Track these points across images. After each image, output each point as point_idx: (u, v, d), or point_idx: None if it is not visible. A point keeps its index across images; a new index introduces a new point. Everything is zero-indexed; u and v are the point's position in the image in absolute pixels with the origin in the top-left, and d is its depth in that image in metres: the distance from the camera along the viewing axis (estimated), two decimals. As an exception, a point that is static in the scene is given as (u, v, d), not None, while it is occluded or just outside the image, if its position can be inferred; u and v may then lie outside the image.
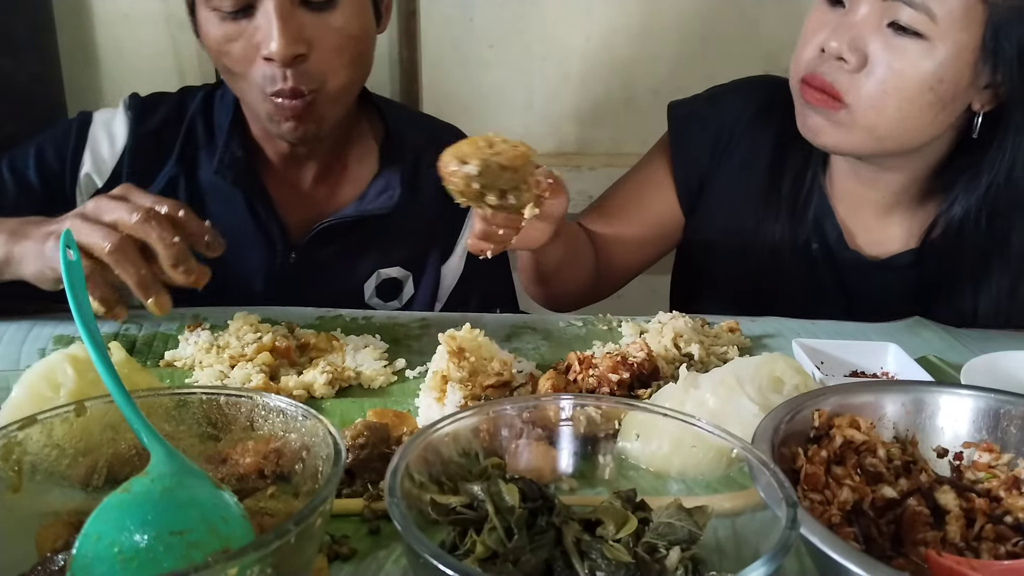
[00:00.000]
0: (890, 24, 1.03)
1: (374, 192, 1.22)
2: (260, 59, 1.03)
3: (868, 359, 1.00)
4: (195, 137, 1.21)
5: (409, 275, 1.27)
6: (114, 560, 0.49)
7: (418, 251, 1.27)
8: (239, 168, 1.16)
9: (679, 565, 0.53)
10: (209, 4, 1.02)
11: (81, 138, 1.19)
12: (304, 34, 1.02)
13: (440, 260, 1.29)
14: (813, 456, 0.66)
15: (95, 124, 1.20)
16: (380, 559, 0.63)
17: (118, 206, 0.86)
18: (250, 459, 0.62)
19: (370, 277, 1.25)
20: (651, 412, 0.65)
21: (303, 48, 1.02)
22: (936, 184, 1.18)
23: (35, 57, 1.57)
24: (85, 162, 1.18)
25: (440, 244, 1.29)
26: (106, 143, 1.19)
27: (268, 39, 1.00)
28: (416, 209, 1.24)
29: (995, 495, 0.65)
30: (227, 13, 1.01)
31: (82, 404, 0.60)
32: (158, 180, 1.19)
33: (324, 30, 1.03)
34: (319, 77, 1.05)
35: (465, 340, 0.85)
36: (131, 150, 1.19)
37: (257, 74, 1.04)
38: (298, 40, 1.01)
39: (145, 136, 1.19)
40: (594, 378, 0.88)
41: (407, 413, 0.82)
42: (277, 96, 1.04)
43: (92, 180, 1.18)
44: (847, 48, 1.05)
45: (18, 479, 0.56)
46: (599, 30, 1.85)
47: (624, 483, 0.65)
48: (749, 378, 0.76)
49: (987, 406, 0.70)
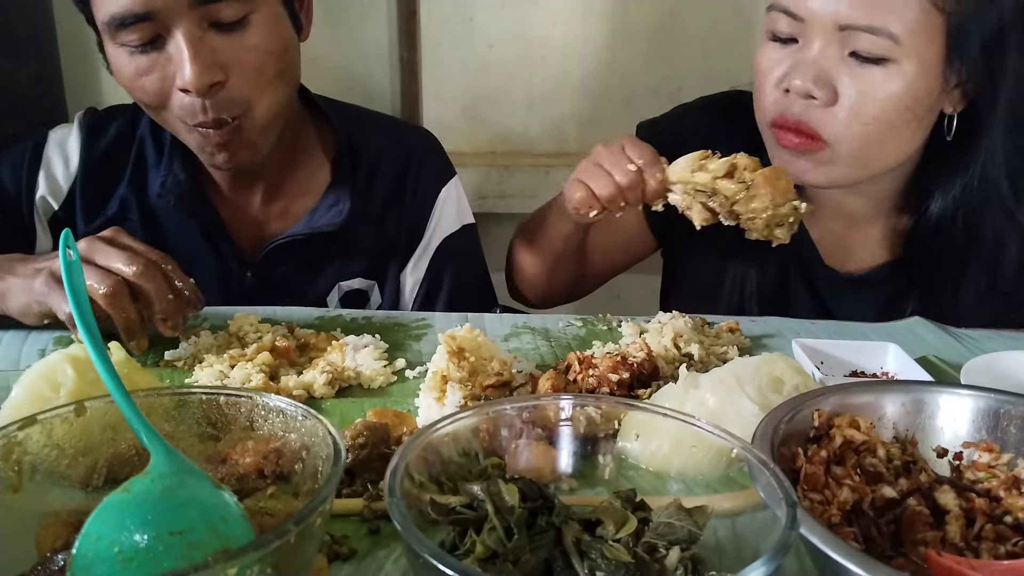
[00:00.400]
0: (851, 53, 1.01)
1: (324, 207, 1.18)
2: (176, 90, 0.99)
3: (868, 359, 1.00)
4: (144, 156, 1.18)
5: (374, 284, 1.25)
6: (114, 560, 0.49)
7: (378, 260, 1.25)
8: (182, 191, 1.14)
9: (679, 565, 0.53)
10: (116, 40, 0.98)
11: (35, 160, 1.17)
12: (218, 59, 0.98)
13: (401, 267, 1.26)
14: (813, 456, 0.66)
15: (49, 145, 1.18)
16: (380, 559, 0.63)
17: (113, 253, 0.87)
18: (250, 459, 0.62)
19: (331, 290, 1.23)
20: (651, 412, 0.65)
21: (219, 75, 0.98)
22: (912, 189, 1.17)
23: (35, 57, 1.57)
24: (40, 185, 1.16)
25: (400, 250, 1.26)
26: (60, 164, 1.17)
27: (181, 69, 0.96)
28: (371, 217, 1.21)
29: (995, 495, 0.65)
30: (136, 47, 0.97)
31: (82, 404, 0.60)
32: (112, 202, 1.17)
33: (239, 51, 0.99)
34: (242, 102, 1.01)
35: (465, 340, 0.85)
36: (83, 171, 1.17)
37: (176, 105, 1.00)
38: (212, 67, 0.97)
39: (97, 156, 1.17)
40: (594, 378, 0.88)
41: (407, 413, 0.82)
42: (201, 127, 1.01)
43: (48, 203, 1.17)
44: (814, 84, 1.02)
45: (18, 479, 0.56)
46: (599, 30, 1.86)
47: (624, 483, 0.65)
48: (749, 378, 0.76)
49: (987, 406, 0.70)
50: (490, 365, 0.83)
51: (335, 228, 1.17)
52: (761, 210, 0.94)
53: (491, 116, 1.90)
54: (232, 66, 0.99)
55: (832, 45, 1.01)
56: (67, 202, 1.17)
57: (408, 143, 1.27)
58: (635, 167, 0.99)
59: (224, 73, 0.99)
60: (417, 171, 1.25)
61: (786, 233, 0.96)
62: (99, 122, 1.19)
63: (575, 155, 1.92)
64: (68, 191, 1.17)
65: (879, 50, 1.00)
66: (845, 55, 1.01)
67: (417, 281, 1.27)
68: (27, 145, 1.19)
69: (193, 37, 0.96)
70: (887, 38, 0.99)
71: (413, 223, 1.25)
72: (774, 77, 1.07)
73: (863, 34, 0.99)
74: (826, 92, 1.02)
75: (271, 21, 1.02)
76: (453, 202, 1.28)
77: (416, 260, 1.26)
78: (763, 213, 0.94)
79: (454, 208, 1.28)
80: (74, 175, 1.17)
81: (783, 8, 1.04)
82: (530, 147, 1.94)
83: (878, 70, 1.01)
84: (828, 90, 1.03)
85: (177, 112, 1.01)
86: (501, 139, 1.93)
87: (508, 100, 1.90)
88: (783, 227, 0.95)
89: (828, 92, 1.03)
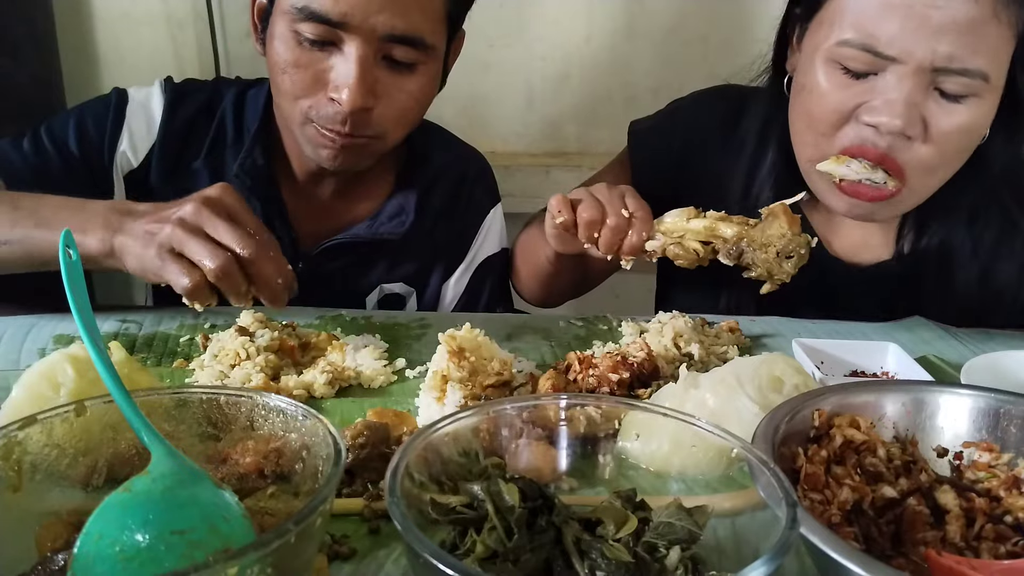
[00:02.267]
0: (936, 88, 0.98)
1: (387, 214, 1.22)
2: (325, 96, 1.02)
3: (868, 359, 1.00)
4: (224, 134, 1.21)
5: (413, 291, 1.28)
6: (115, 559, 0.49)
7: (422, 268, 1.28)
8: (258, 176, 1.17)
9: (679, 564, 0.53)
10: (291, 24, 1.00)
11: (119, 115, 1.19)
12: (376, 89, 1.02)
13: (443, 277, 1.30)
14: (813, 456, 0.66)
15: (132, 103, 1.20)
16: (380, 559, 0.63)
17: (223, 227, 0.86)
18: (250, 459, 0.62)
19: (373, 291, 1.25)
20: (651, 412, 0.65)
21: (371, 102, 1.02)
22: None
23: (35, 57, 1.57)
24: (123, 140, 1.19)
25: (444, 262, 1.29)
26: (143, 123, 1.19)
27: (342, 86, 1.00)
28: (424, 229, 1.24)
29: (995, 495, 0.65)
30: (306, 39, 1.00)
31: (82, 404, 0.60)
32: (185, 172, 1.19)
33: (396, 90, 1.04)
34: (378, 130, 1.06)
35: (465, 340, 0.85)
36: (164, 136, 1.19)
37: (318, 106, 1.03)
38: (370, 94, 1.01)
39: (179, 125, 1.20)
40: (594, 378, 0.88)
41: (407, 413, 0.82)
42: (331, 131, 1.04)
43: (128, 159, 1.19)
44: (908, 124, 0.98)
45: (18, 479, 0.56)
46: (599, 30, 1.85)
47: (624, 483, 0.65)
48: (749, 378, 0.76)
49: (987, 406, 0.70)
50: (490, 365, 0.83)
51: (397, 238, 1.21)
52: (778, 236, 0.95)
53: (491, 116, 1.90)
54: (384, 99, 1.04)
55: (921, 81, 0.98)
56: (144, 162, 1.19)
57: (465, 163, 1.32)
58: (627, 214, 0.99)
59: (375, 102, 1.03)
60: (471, 190, 1.31)
61: (794, 267, 0.96)
62: (183, 92, 1.22)
63: (575, 155, 1.93)
64: (147, 152, 1.19)
65: (968, 90, 0.98)
66: (932, 91, 0.99)
67: (457, 294, 1.30)
68: (109, 99, 1.20)
69: (366, 62, 0.99)
70: (979, 79, 0.97)
71: (460, 239, 1.29)
72: (839, 112, 1.03)
73: (955, 75, 0.96)
74: (918, 128, 0.99)
75: (432, 74, 1.08)
76: (498, 225, 1.34)
77: (459, 275, 1.30)
78: (780, 240, 0.95)
79: (497, 230, 1.34)
80: (154, 138, 1.19)
81: (868, 47, 0.98)
82: (530, 147, 1.94)
83: (962, 107, 0.99)
84: (920, 126, 0.99)
85: (315, 112, 1.04)
86: (501, 139, 1.93)
87: (508, 100, 1.90)
88: (792, 259, 0.96)
89: (920, 128, 1.00)
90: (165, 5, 1.68)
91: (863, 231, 1.21)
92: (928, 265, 1.18)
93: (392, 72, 1.03)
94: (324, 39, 0.99)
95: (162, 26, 1.70)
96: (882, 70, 0.99)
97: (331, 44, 1.00)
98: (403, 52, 1.01)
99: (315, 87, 1.02)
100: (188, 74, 1.54)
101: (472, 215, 1.31)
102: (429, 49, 1.03)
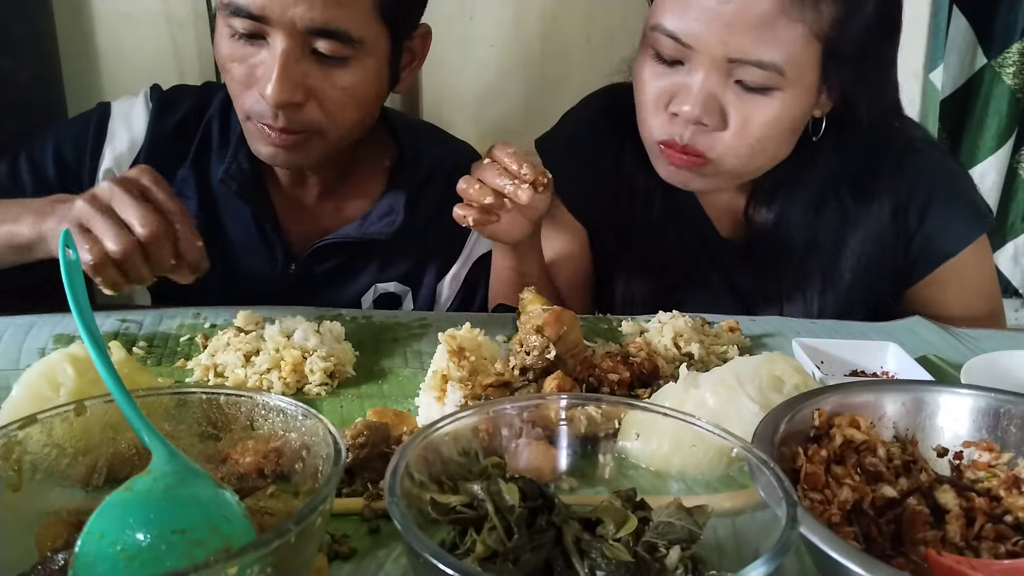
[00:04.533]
0: (737, 81, 1.03)
1: (377, 214, 1.21)
2: (257, 91, 1.01)
3: (868, 358, 1.00)
4: (210, 139, 1.20)
5: (408, 291, 1.27)
6: (117, 558, 0.49)
7: (416, 267, 1.27)
8: (244, 180, 1.16)
9: (679, 564, 0.53)
10: (225, 18, 1.00)
11: (100, 131, 1.19)
12: (306, 82, 1.00)
13: (437, 276, 1.29)
14: (813, 455, 0.66)
15: (114, 118, 1.20)
16: (380, 558, 0.63)
17: (130, 205, 0.85)
18: (250, 458, 0.62)
19: (368, 291, 1.25)
20: (651, 411, 0.65)
21: (299, 97, 1.00)
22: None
23: (35, 57, 1.57)
24: (105, 156, 1.18)
25: (438, 260, 1.28)
26: (125, 137, 1.19)
27: (265, 80, 0.98)
28: (416, 227, 1.23)
29: (995, 494, 0.65)
30: (238, 34, 0.99)
31: (82, 404, 0.60)
32: (173, 180, 1.18)
33: (328, 84, 1.01)
34: (312, 125, 1.03)
35: (465, 340, 0.85)
36: (148, 147, 1.18)
37: (251, 101, 1.02)
38: (296, 88, 0.99)
39: (163, 133, 1.19)
40: (594, 378, 0.88)
41: (407, 412, 0.82)
42: (265, 125, 1.03)
43: (113, 175, 1.17)
44: (704, 112, 1.04)
45: (18, 478, 0.56)
46: (599, 30, 1.85)
47: (624, 482, 0.65)
48: (749, 378, 0.76)
49: (987, 405, 0.70)
50: (492, 366, 0.83)
51: (386, 237, 1.20)
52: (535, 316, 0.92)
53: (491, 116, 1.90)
54: (316, 93, 1.01)
55: (719, 73, 1.03)
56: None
57: (458, 158, 1.29)
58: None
59: (305, 96, 1.01)
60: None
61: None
62: (169, 100, 1.21)
63: (575, 155, 1.92)
64: (132, 163, 1.18)
65: (765, 81, 1.02)
66: (731, 82, 1.04)
67: (454, 292, 1.29)
68: (90, 117, 1.20)
69: (289, 55, 0.97)
70: (773, 71, 1.01)
71: (454, 237, 1.28)
72: (660, 99, 1.09)
73: (750, 67, 1.01)
74: (716, 119, 1.05)
75: (370, 71, 1.04)
76: None
77: (455, 273, 1.29)
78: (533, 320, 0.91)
79: None
80: (138, 148, 1.18)
81: (669, 33, 1.04)
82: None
83: (762, 98, 1.04)
84: (717, 117, 1.05)
85: (251, 108, 1.03)
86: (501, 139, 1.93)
87: (508, 99, 1.89)
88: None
89: (718, 119, 1.05)
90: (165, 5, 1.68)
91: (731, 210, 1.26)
92: (768, 245, 1.23)
93: (322, 66, 1.00)
94: (252, 32, 0.98)
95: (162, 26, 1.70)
96: (687, 60, 1.05)
97: (260, 38, 0.99)
98: (328, 46, 0.98)
99: (249, 82, 1.01)
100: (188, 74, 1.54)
101: None
102: (357, 43, 1.00)
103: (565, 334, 0.88)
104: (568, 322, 0.90)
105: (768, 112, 1.05)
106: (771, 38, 1.00)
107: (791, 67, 1.02)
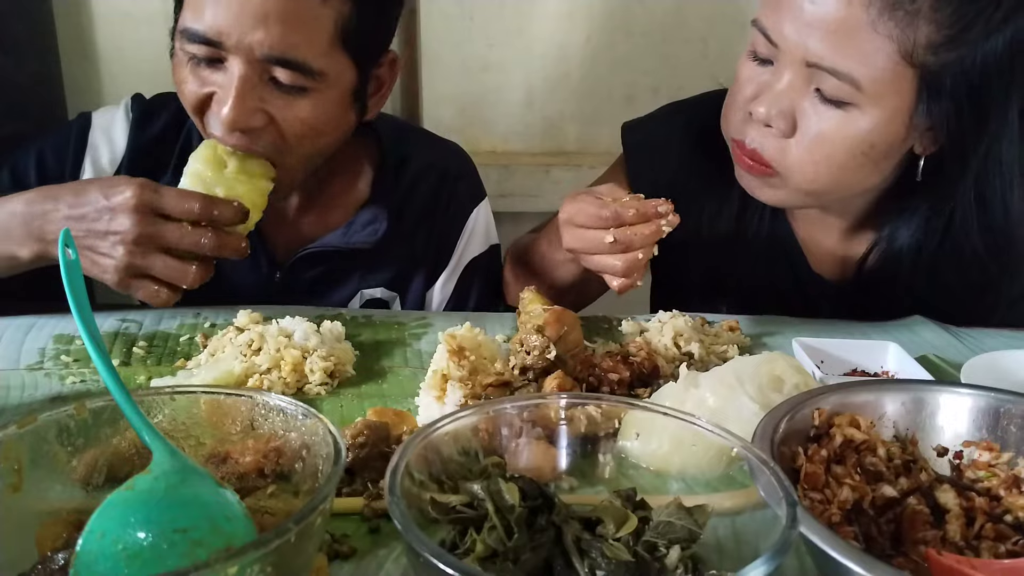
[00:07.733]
0: (817, 89, 0.99)
1: (361, 222, 1.19)
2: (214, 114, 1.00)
3: (868, 358, 1.00)
4: (191, 147, 1.16)
5: (395, 296, 1.26)
6: (118, 557, 0.49)
7: (403, 273, 1.25)
8: None
9: (679, 564, 0.53)
10: (182, 44, 0.98)
11: (81, 143, 1.17)
12: (263, 107, 0.98)
13: (426, 281, 1.27)
14: (813, 455, 0.66)
15: (94, 129, 1.18)
16: (380, 558, 0.63)
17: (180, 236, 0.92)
18: (250, 458, 0.62)
19: (354, 297, 1.24)
20: (651, 411, 0.65)
21: (258, 122, 0.99)
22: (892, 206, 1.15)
23: (35, 57, 1.57)
24: (86, 169, 1.17)
25: (427, 265, 1.26)
26: (106, 149, 1.18)
27: (222, 104, 0.97)
28: (402, 233, 1.22)
29: (995, 494, 0.65)
30: (196, 58, 0.98)
31: (82, 404, 0.60)
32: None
33: (287, 112, 1.00)
34: (270, 148, 1.02)
35: (465, 339, 0.85)
36: (129, 158, 1.17)
37: (209, 123, 1.01)
38: (253, 113, 0.98)
39: (147, 141, 1.18)
40: (594, 377, 0.88)
41: (407, 412, 0.83)
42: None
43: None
44: (776, 115, 1.01)
45: (18, 478, 0.56)
46: (599, 30, 1.85)
47: (624, 482, 0.65)
48: (749, 377, 0.76)
49: (987, 405, 0.70)
50: (493, 365, 0.83)
51: (370, 246, 1.19)
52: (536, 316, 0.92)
53: (491, 115, 1.90)
54: (276, 119, 1.00)
55: (800, 78, 1.00)
56: None
57: (445, 163, 1.29)
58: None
59: (263, 121, 0.99)
60: (451, 191, 1.27)
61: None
62: (149, 110, 1.20)
63: (575, 154, 1.93)
64: (113, 175, 1.17)
65: (841, 94, 0.97)
66: (811, 89, 1.00)
67: (445, 298, 1.28)
68: (70, 129, 1.19)
69: (246, 81, 0.96)
70: (849, 84, 0.96)
71: (443, 242, 1.27)
72: (745, 95, 1.06)
73: (828, 76, 0.97)
74: (785, 124, 1.01)
75: (330, 102, 1.02)
76: (483, 223, 1.30)
77: (445, 279, 1.28)
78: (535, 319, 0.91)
79: (483, 229, 1.30)
80: (119, 161, 1.18)
81: (762, 29, 1.02)
82: (530, 146, 1.94)
83: (838, 112, 0.99)
84: (788, 122, 1.01)
85: (209, 128, 1.02)
86: (501, 138, 1.93)
87: (508, 99, 1.89)
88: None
89: (787, 124, 1.01)
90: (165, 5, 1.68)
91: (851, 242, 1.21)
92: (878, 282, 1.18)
93: (281, 94, 0.99)
94: (210, 57, 0.97)
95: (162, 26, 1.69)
96: (776, 60, 1.02)
97: (218, 62, 0.98)
98: (286, 75, 0.97)
99: (206, 104, 1.01)
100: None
101: (454, 216, 1.27)
102: (318, 75, 0.98)
103: (565, 334, 0.89)
104: (569, 322, 0.90)
105: (840, 128, 0.99)
106: (852, 48, 0.94)
107: (870, 83, 0.95)
